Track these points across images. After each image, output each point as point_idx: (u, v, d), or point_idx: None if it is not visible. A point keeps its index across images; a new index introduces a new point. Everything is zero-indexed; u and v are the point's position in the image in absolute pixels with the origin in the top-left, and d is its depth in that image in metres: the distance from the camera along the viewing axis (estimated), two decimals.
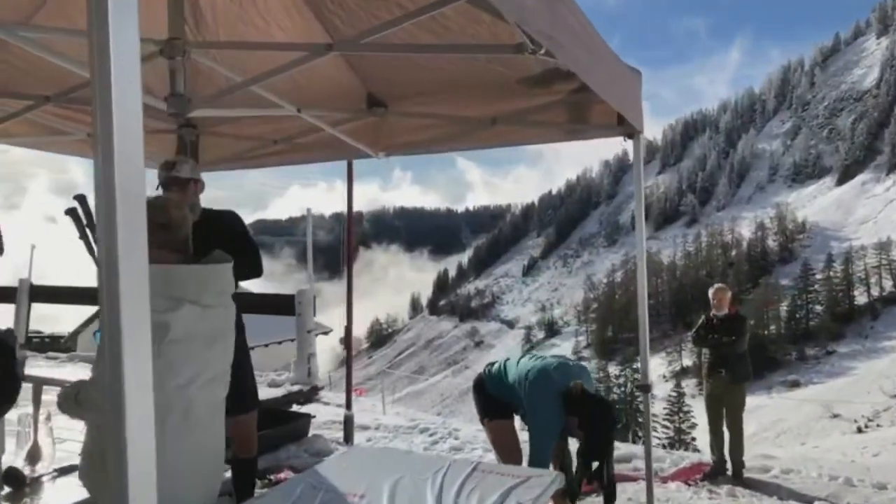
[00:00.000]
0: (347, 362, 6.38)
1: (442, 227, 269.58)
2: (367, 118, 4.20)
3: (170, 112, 2.84)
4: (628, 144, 3.58)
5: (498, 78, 3.70)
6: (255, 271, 3.50)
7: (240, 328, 3.50)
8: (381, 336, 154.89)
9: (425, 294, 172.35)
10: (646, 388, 3.54)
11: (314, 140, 4.42)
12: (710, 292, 6.27)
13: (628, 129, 3.54)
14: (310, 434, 5.95)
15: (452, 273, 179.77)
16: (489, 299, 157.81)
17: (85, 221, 2.49)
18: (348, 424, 6.17)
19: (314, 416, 6.09)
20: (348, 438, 6.13)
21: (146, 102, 2.99)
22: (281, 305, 7.14)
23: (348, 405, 6.26)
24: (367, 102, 4.13)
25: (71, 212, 2.51)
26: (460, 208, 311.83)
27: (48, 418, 2.71)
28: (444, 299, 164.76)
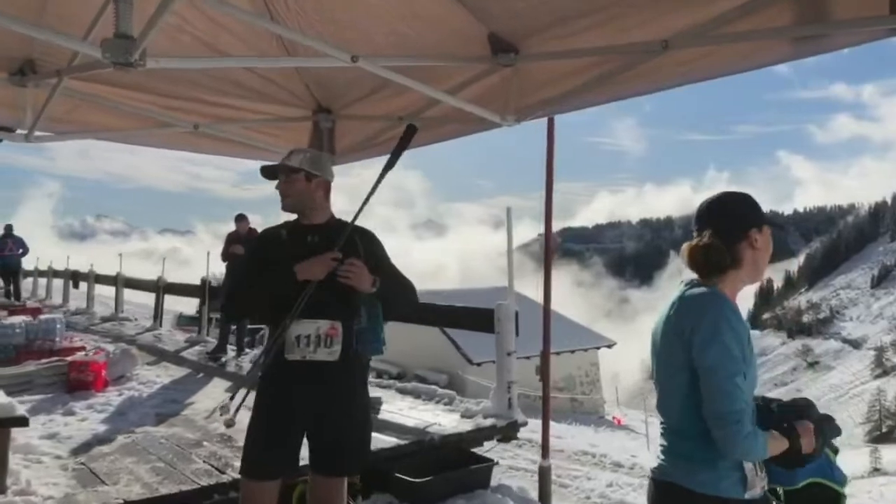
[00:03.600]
0: (544, 397, 5.10)
1: None
2: (494, 73, 3.01)
3: (111, 60, 1.98)
4: None
5: None
6: (413, 303, 3.00)
7: (351, 364, 2.77)
8: None
9: (745, 305, 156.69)
10: None
11: (441, 113, 3.38)
12: None
13: None
14: (492, 485, 4.79)
15: (778, 283, 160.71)
16: (826, 314, 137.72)
17: None
18: (544, 479, 4.88)
19: (497, 463, 4.91)
20: (544, 497, 4.84)
21: (71, 47, 2.21)
22: (480, 321, 6.11)
23: (544, 453, 4.97)
24: (492, 48, 2.92)
25: None
26: (787, 209, 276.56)
27: None
28: (769, 312, 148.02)
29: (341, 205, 2.91)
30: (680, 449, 1.93)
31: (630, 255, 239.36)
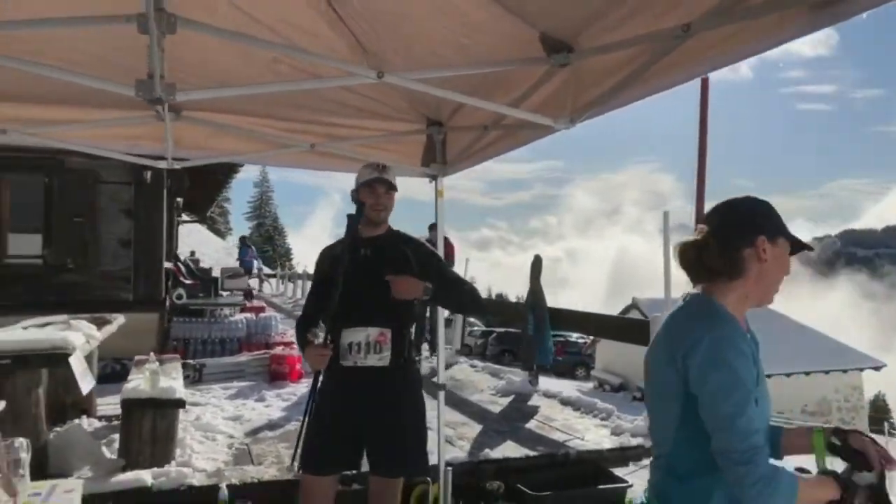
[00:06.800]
0: None
1: None
2: (555, 77, 2.94)
3: (143, 98, 2.34)
4: None
5: None
6: (475, 304, 3.10)
7: (403, 369, 2.96)
8: None
9: None
10: None
11: (514, 119, 3.35)
12: None
13: None
14: None
15: None
16: None
17: None
18: None
19: (631, 485, 4.58)
20: None
21: (102, 88, 2.56)
22: (632, 333, 5.73)
23: None
24: (545, 49, 2.82)
25: None
26: None
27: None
28: None
29: None
30: (670, 486, 1.74)
31: None
